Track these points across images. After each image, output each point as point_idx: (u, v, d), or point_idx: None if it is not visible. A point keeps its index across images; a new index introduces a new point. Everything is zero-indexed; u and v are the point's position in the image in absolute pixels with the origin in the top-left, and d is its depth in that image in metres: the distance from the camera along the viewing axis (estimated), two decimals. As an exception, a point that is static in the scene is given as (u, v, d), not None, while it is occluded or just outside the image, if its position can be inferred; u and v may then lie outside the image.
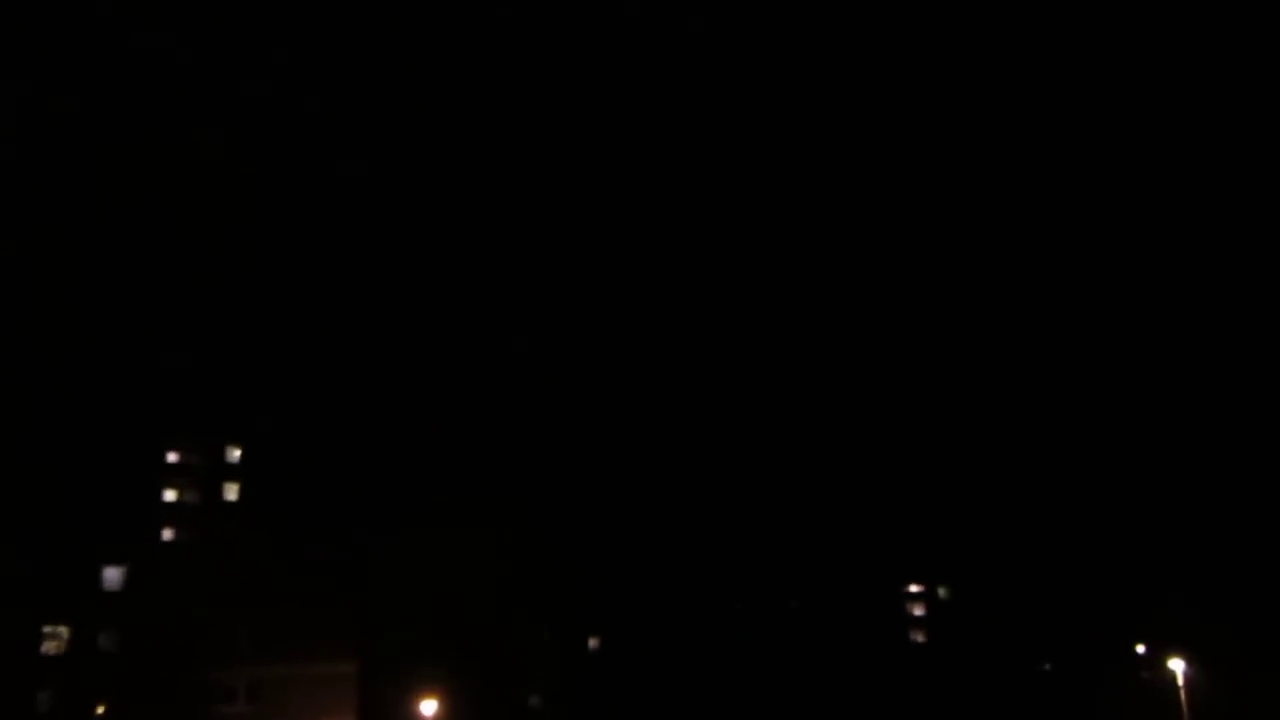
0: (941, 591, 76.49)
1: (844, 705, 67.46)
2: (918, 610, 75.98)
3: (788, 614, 71.60)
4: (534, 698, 62.48)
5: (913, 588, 76.15)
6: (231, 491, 58.85)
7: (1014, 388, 79.42)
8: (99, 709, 49.33)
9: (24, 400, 55.11)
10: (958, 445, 77.68)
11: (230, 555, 55.37)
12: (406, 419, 65.30)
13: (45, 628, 49.60)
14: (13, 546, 50.63)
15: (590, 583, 67.25)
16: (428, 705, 47.81)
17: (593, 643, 66.30)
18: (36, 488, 52.93)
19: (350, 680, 53.88)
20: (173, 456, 58.51)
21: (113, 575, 51.79)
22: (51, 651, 49.52)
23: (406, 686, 54.01)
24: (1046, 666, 74.38)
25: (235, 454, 59.46)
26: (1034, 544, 76.51)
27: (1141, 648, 71.46)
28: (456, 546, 62.61)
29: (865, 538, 74.95)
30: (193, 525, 57.89)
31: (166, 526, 57.58)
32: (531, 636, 64.30)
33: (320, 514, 59.30)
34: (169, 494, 58.10)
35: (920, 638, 75.28)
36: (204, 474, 58.53)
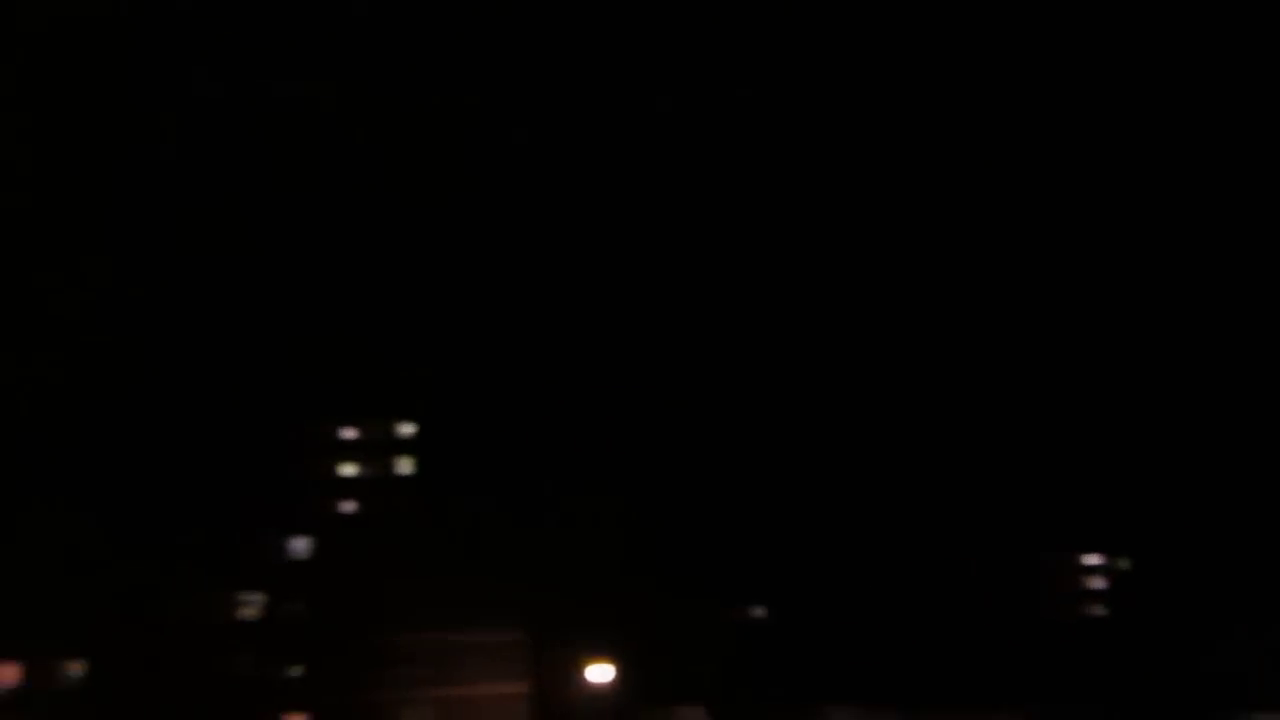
0: (1122, 563, 73.53)
1: (1017, 681, 65.24)
2: (1097, 583, 73.29)
3: (960, 584, 69.87)
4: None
5: (1091, 559, 73.40)
6: (405, 466, 61.06)
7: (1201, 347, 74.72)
8: (293, 670, 52.25)
9: (213, 387, 58.25)
10: (1135, 408, 73.83)
11: (405, 527, 57.73)
12: (575, 393, 65.98)
13: (241, 595, 52.92)
14: (207, 521, 53.87)
15: (758, 555, 66.99)
16: (597, 672, 48.41)
17: (759, 613, 66.23)
18: (224, 467, 56.08)
19: (521, 647, 55.56)
20: (349, 433, 61.07)
21: (299, 545, 54.93)
22: (248, 618, 52.78)
23: (575, 655, 54.85)
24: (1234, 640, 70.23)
25: (407, 430, 61.57)
26: (1220, 511, 72.15)
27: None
28: (623, 518, 63.21)
29: (1038, 507, 72.33)
30: (369, 498, 60.35)
31: (345, 500, 60.20)
32: (699, 607, 64.46)
33: (489, 488, 60.76)
34: (347, 469, 60.71)
35: (1099, 611, 72.50)
36: (378, 449, 60.86)
